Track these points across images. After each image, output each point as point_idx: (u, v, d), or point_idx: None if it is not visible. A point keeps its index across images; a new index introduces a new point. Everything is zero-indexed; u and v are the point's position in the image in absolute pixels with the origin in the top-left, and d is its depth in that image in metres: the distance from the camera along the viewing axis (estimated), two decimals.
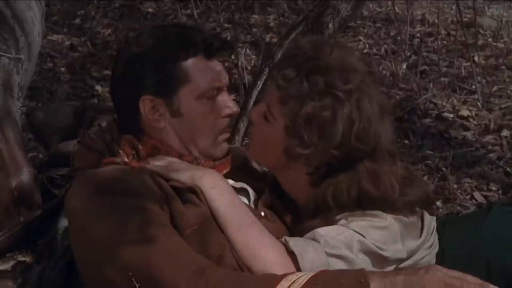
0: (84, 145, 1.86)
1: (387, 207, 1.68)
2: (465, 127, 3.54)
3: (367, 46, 4.56)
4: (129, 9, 5.15)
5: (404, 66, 4.11)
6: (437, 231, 1.84)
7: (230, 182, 1.75)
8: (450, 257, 1.80)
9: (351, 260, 1.59)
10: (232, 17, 4.41)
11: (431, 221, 1.83)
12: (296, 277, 1.47)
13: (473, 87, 3.88)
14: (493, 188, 3.02)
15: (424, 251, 1.77)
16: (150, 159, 1.74)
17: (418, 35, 4.64)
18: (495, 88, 3.94)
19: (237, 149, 2.04)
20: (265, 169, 1.94)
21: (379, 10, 5.13)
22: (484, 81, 3.93)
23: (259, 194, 1.81)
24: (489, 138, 3.44)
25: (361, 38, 4.67)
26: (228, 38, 4.15)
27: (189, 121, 1.75)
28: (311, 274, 1.48)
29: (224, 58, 1.94)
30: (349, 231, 1.63)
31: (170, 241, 1.53)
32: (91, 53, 4.48)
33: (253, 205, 1.77)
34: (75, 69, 4.29)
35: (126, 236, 1.52)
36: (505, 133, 3.46)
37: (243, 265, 1.57)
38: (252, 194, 1.80)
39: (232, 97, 1.87)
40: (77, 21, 4.97)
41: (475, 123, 3.58)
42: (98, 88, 4.01)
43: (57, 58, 4.40)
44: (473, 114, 3.65)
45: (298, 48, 1.76)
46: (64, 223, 2.03)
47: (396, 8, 4.59)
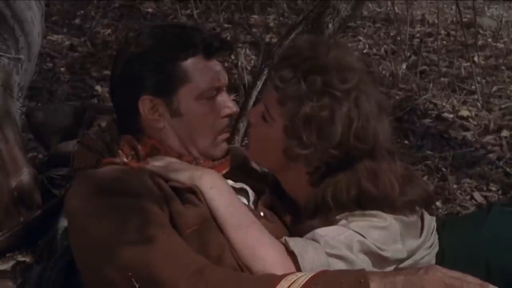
0: (84, 145, 1.86)
1: (387, 206, 1.68)
2: (465, 127, 3.54)
3: (367, 46, 4.56)
4: (129, 9, 5.15)
5: (404, 66, 4.11)
6: (437, 232, 1.84)
7: (229, 182, 1.75)
8: (450, 257, 1.79)
9: (351, 260, 1.59)
10: (232, 17, 4.41)
11: (431, 221, 1.83)
12: (296, 277, 1.47)
13: (473, 87, 3.87)
14: (493, 188, 3.02)
15: (424, 251, 1.77)
16: (149, 159, 1.74)
17: (418, 35, 4.64)
18: (495, 88, 3.94)
19: (237, 149, 2.04)
20: (265, 169, 1.93)
21: (379, 10, 5.13)
22: (484, 81, 3.93)
23: (258, 194, 1.81)
24: (488, 138, 3.44)
25: (361, 38, 4.66)
26: (228, 38, 4.15)
27: (188, 121, 1.75)
28: (311, 274, 1.48)
29: (223, 58, 1.94)
30: (349, 232, 1.63)
31: (169, 241, 1.53)
32: (91, 53, 4.48)
33: (252, 205, 1.77)
34: (75, 69, 4.29)
35: (125, 236, 1.52)
36: (504, 133, 3.46)
37: (243, 265, 1.57)
38: (251, 194, 1.80)
39: (231, 97, 1.87)
40: (77, 21, 4.97)
41: (474, 123, 3.58)
42: (98, 88, 4.01)
43: (57, 58, 4.40)
44: (473, 114, 3.65)
45: (295, 48, 1.75)
46: (64, 223, 2.03)
47: (396, 8, 4.59)
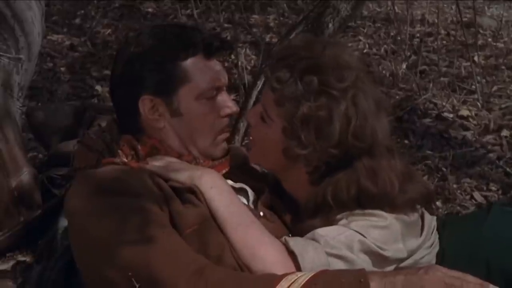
0: (84, 145, 1.87)
1: (387, 204, 1.68)
2: (465, 127, 3.54)
3: (367, 46, 4.55)
4: (129, 9, 5.15)
5: (404, 66, 4.10)
6: (437, 231, 1.84)
7: (229, 182, 1.75)
8: (450, 257, 1.79)
9: (352, 260, 1.59)
10: (232, 17, 4.41)
11: (431, 221, 1.83)
12: (296, 277, 1.47)
13: (473, 87, 3.87)
14: (493, 188, 3.02)
15: (424, 250, 1.77)
16: (149, 159, 1.74)
17: (418, 35, 4.64)
18: (495, 88, 3.93)
19: (237, 148, 2.04)
20: (265, 169, 1.93)
21: (379, 10, 5.12)
22: (484, 81, 3.93)
23: (258, 194, 1.81)
24: (489, 138, 3.44)
25: (361, 38, 4.66)
26: (228, 38, 4.15)
27: (188, 120, 1.75)
28: (311, 274, 1.48)
29: (224, 58, 1.93)
30: (349, 231, 1.63)
31: (169, 241, 1.53)
32: (91, 53, 4.48)
33: (252, 205, 1.77)
34: (75, 69, 4.29)
35: (125, 236, 1.52)
36: (505, 133, 3.46)
37: (243, 264, 1.57)
38: (251, 194, 1.80)
39: (232, 97, 1.87)
40: (77, 21, 4.97)
41: (475, 123, 3.57)
42: (98, 88, 4.01)
43: (57, 58, 4.41)
44: (473, 114, 3.64)
45: (290, 48, 1.75)
46: (64, 223, 2.03)
47: (396, 8, 4.59)
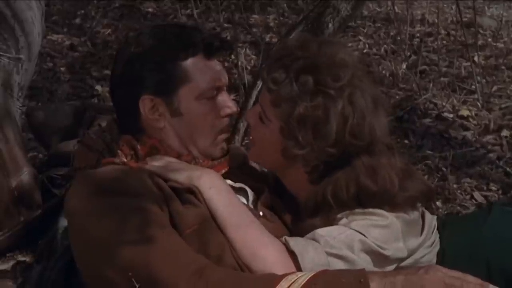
0: (84, 145, 1.87)
1: (387, 202, 1.68)
2: (465, 127, 3.54)
3: (367, 46, 4.55)
4: (129, 9, 5.15)
5: (404, 66, 4.10)
6: (438, 231, 1.84)
7: (228, 182, 1.75)
8: (450, 257, 1.79)
9: (352, 260, 1.59)
10: (232, 17, 4.40)
11: (432, 220, 1.83)
12: (296, 277, 1.47)
13: (473, 87, 3.87)
14: (493, 188, 3.01)
15: (424, 249, 1.77)
16: (148, 159, 1.74)
17: (418, 35, 4.64)
18: (495, 88, 3.93)
19: (236, 148, 2.04)
20: (265, 169, 1.93)
21: (379, 10, 5.13)
22: (484, 81, 3.92)
23: (258, 194, 1.81)
24: (489, 138, 3.44)
25: (361, 38, 4.66)
26: (228, 38, 4.15)
27: (189, 120, 1.75)
28: (311, 274, 1.48)
29: (224, 58, 1.93)
30: (350, 231, 1.63)
31: (169, 241, 1.53)
32: (91, 53, 4.48)
33: (252, 205, 1.77)
34: (75, 69, 4.29)
35: (125, 236, 1.52)
36: (505, 133, 3.46)
37: (243, 264, 1.57)
38: (250, 194, 1.80)
39: (232, 97, 1.86)
40: (77, 21, 4.97)
41: (475, 123, 3.57)
42: (98, 88, 4.01)
43: (57, 58, 4.40)
44: (473, 114, 3.64)
45: (286, 48, 1.74)
46: (64, 223, 2.03)
47: (396, 8, 4.59)
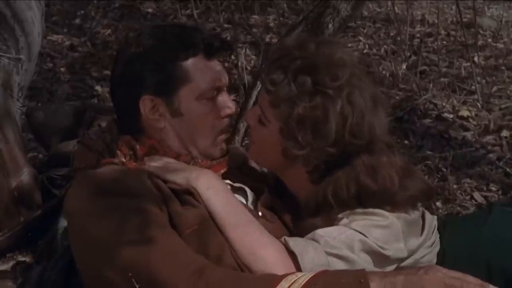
0: (84, 145, 1.86)
1: (388, 201, 1.68)
2: (465, 127, 3.54)
3: (367, 46, 4.56)
4: (129, 9, 5.15)
5: (404, 66, 4.10)
6: (438, 231, 1.84)
7: (227, 182, 1.75)
8: (450, 258, 1.79)
9: (352, 260, 1.59)
10: (232, 17, 4.40)
11: (432, 220, 1.83)
12: (296, 278, 1.47)
13: (473, 87, 3.87)
14: (493, 188, 3.02)
15: (424, 249, 1.77)
16: (146, 159, 1.74)
17: (418, 35, 4.64)
18: (495, 88, 3.93)
19: (236, 149, 2.04)
20: (264, 169, 1.93)
21: (379, 10, 5.13)
22: (484, 81, 3.93)
23: (258, 194, 1.81)
24: (489, 138, 3.44)
25: (361, 38, 4.66)
26: (228, 38, 4.15)
27: (189, 121, 1.75)
28: (311, 274, 1.48)
29: (224, 58, 1.93)
30: (350, 231, 1.62)
31: (169, 242, 1.53)
32: (91, 53, 4.48)
33: (251, 205, 1.77)
34: (75, 69, 4.29)
35: (125, 236, 1.52)
36: (505, 133, 3.46)
37: (243, 264, 1.57)
38: (250, 194, 1.80)
39: (232, 97, 1.86)
40: (77, 21, 4.97)
41: (475, 123, 3.57)
42: (98, 88, 4.01)
43: (57, 58, 4.40)
44: (473, 114, 3.64)
45: (283, 49, 1.74)
46: (64, 223, 2.03)
47: (396, 8, 4.59)
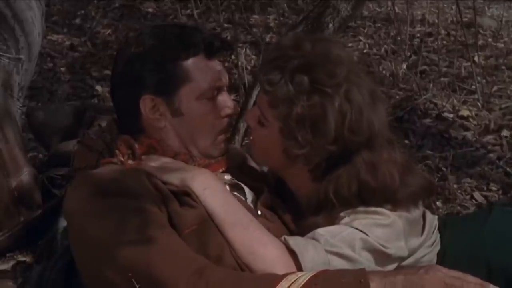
0: (84, 145, 1.86)
1: (389, 198, 1.68)
2: (465, 127, 3.54)
3: (367, 46, 4.55)
4: (129, 9, 5.15)
5: (404, 66, 4.10)
6: (439, 231, 1.84)
7: (227, 177, 1.75)
8: (450, 257, 1.79)
9: (353, 259, 1.58)
10: (232, 17, 4.40)
11: (433, 220, 1.83)
12: (296, 277, 1.47)
13: (473, 87, 3.87)
14: (493, 188, 3.02)
15: (425, 249, 1.77)
16: (144, 158, 1.73)
17: (418, 35, 4.64)
18: (495, 88, 3.93)
19: (235, 148, 2.04)
20: (264, 169, 1.93)
21: (379, 10, 5.12)
22: (484, 81, 3.93)
23: (258, 194, 1.80)
24: (489, 138, 3.44)
25: (361, 38, 4.66)
26: (228, 38, 4.15)
27: (189, 120, 1.75)
28: (312, 274, 1.48)
29: (224, 58, 1.93)
30: (350, 229, 1.62)
31: (169, 241, 1.52)
32: (91, 53, 4.48)
33: (251, 205, 1.77)
34: (75, 69, 4.29)
35: (125, 236, 1.52)
36: (505, 133, 3.46)
37: (243, 264, 1.57)
38: (249, 193, 1.80)
39: (232, 97, 1.86)
40: (77, 21, 4.97)
41: (475, 123, 3.57)
42: (98, 88, 4.01)
43: (57, 58, 4.40)
44: (473, 114, 3.64)
45: (279, 49, 1.74)
46: (64, 223, 2.03)
47: (396, 8, 4.59)
